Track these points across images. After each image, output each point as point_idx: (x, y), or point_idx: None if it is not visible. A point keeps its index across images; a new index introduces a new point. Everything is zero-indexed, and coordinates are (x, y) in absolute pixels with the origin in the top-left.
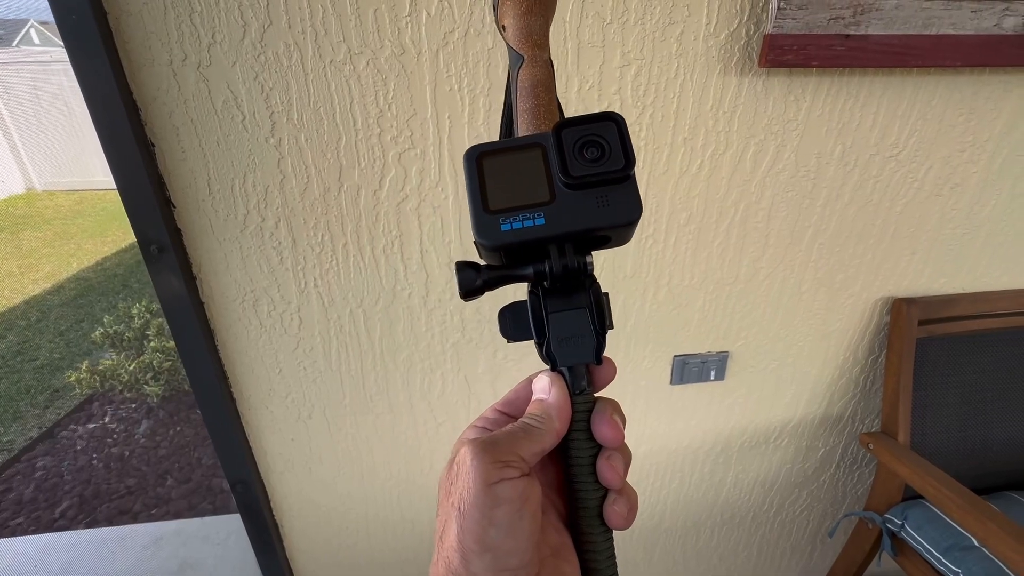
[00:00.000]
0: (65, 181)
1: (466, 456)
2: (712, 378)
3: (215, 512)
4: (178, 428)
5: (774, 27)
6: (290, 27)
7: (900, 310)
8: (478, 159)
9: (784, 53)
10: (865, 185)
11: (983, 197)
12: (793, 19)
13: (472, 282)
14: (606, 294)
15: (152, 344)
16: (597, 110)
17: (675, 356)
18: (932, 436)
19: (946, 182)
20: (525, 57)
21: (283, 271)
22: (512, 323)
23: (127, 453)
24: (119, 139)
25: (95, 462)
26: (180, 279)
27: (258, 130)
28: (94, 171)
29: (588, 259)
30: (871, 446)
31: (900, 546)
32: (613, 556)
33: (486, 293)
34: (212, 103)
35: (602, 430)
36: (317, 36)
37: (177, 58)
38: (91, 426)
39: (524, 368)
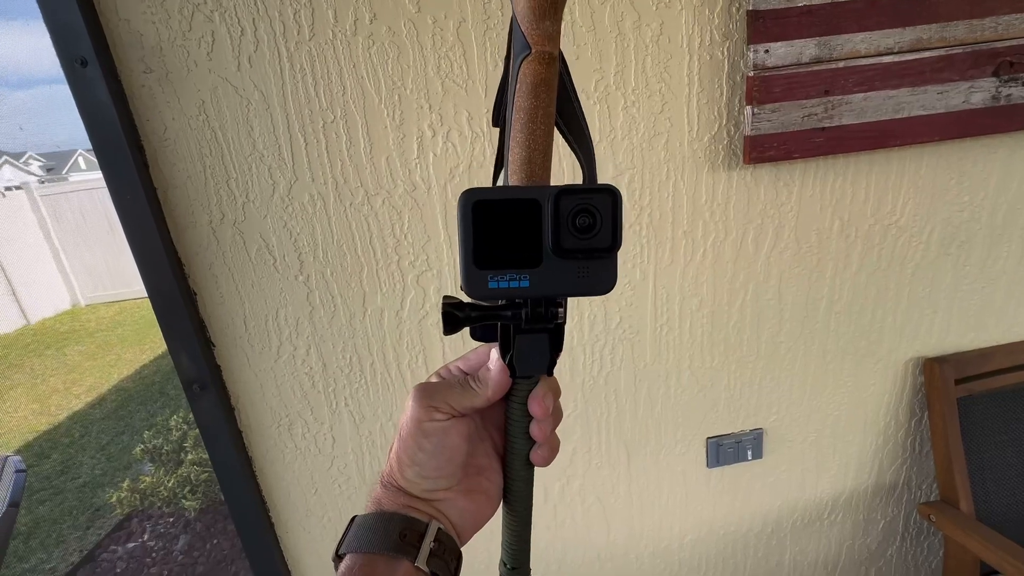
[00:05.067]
0: (106, 294)
1: (410, 396)
2: (750, 457)
3: None
4: (215, 541)
5: (752, 129)
6: (313, 180)
7: (933, 370)
8: (474, 208)
9: (766, 150)
10: (870, 253)
11: (994, 251)
12: (768, 121)
13: (456, 322)
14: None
15: (189, 457)
16: None
17: (708, 438)
18: (997, 501)
19: (952, 241)
20: (532, 50)
21: (315, 394)
22: (481, 331)
23: (165, 573)
24: (166, 295)
25: None
26: (220, 411)
27: (288, 270)
28: (132, 281)
29: (559, 311)
30: (932, 518)
31: None
32: (531, 484)
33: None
34: (247, 251)
35: (531, 405)
36: (337, 185)
37: (216, 218)
38: (130, 545)
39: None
